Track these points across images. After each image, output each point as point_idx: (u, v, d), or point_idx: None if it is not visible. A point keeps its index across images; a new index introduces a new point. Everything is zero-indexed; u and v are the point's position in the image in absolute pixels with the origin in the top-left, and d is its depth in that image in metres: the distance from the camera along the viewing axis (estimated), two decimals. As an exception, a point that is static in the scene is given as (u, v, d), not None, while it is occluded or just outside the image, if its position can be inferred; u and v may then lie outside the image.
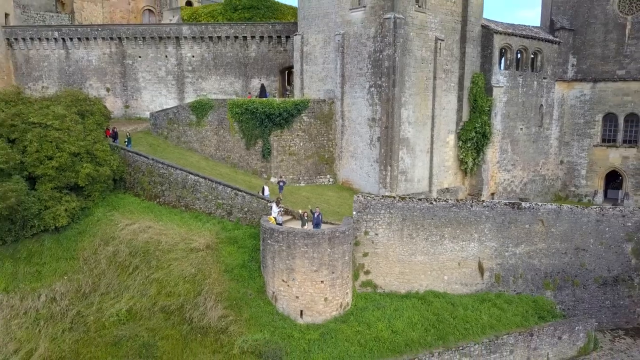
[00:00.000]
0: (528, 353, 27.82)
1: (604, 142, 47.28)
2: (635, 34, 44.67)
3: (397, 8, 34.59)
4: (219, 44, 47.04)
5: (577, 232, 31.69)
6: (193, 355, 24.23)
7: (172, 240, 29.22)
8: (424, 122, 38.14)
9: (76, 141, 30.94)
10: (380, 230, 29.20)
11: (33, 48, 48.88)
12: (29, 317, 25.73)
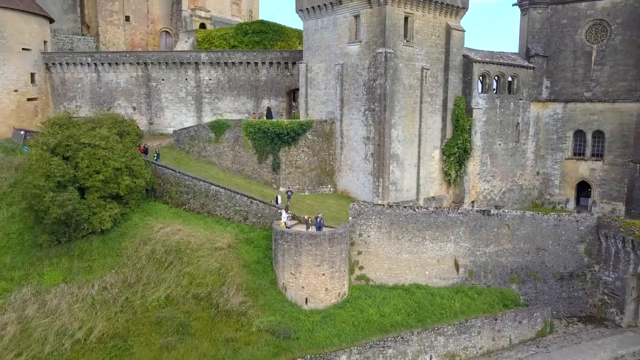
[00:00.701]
0: (493, 334, 33.70)
1: (574, 156, 53.31)
2: (600, 60, 50.72)
3: (388, 44, 40.74)
4: (233, 69, 53.25)
5: (538, 235, 37.62)
6: (219, 333, 30.17)
7: (199, 241, 35.29)
8: (411, 140, 44.18)
9: (118, 158, 37.02)
10: (372, 232, 35.20)
11: (68, 72, 55.17)
12: (86, 302, 31.76)
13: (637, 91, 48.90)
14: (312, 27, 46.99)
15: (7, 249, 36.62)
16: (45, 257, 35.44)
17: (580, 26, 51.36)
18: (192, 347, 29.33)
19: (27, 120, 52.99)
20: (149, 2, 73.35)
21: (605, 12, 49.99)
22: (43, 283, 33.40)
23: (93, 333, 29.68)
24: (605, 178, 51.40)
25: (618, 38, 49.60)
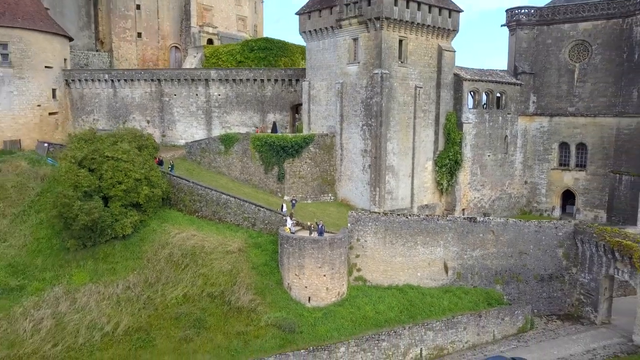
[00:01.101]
0: (478, 330, 37.23)
1: (559, 166, 57.08)
2: (582, 78, 54.56)
3: (384, 65, 44.60)
4: (240, 85, 57.14)
5: (520, 240, 41.21)
6: (232, 327, 33.76)
7: (212, 245, 38.97)
8: (406, 152, 47.94)
9: (138, 169, 40.72)
10: (368, 237, 38.85)
11: (86, 87, 59.13)
12: (112, 300, 35.41)
13: (616, 107, 52.66)
14: (314, 48, 50.91)
15: (38, 252, 40.34)
16: (72, 259, 39.13)
17: (564, 46, 55.23)
18: (208, 340, 32.93)
19: (49, 133, 56.88)
20: (160, 19, 77.52)
21: (587, 34, 53.86)
22: (72, 283, 37.10)
23: (119, 327, 33.32)
24: (588, 187, 55.11)
25: (598, 57, 53.44)
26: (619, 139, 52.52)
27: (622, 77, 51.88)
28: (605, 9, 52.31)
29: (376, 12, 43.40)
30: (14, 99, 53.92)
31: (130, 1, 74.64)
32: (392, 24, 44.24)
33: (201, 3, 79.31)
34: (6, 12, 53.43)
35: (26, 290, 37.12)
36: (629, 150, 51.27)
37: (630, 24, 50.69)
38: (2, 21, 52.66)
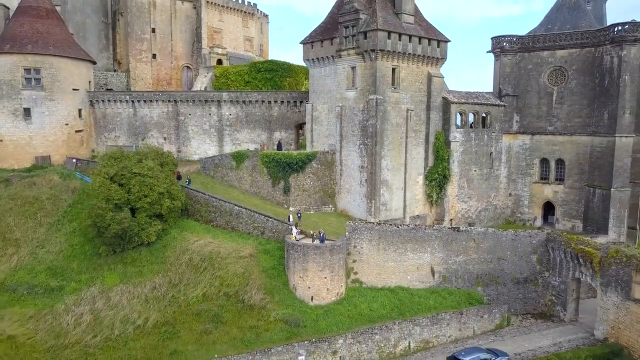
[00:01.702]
0: (459, 325, 42.46)
1: (540, 180, 62.43)
2: (560, 100, 60.06)
3: (378, 91, 50.22)
4: (250, 106, 62.78)
5: (498, 247, 46.55)
6: (245, 322, 39.05)
7: (226, 251, 44.40)
8: (399, 168, 53.42)
9: (161, 184, 46.21)
10: (364, 244, 44.21)
11: (109, 107, 64.85)
12: (141, 298, 40.80)
13: (590, 126, 58.11)
14: (316, 74, 56.61)
15: (73, 257, 45.87)
16: (104, 263, 44.61)
17: (543, 71, 60.78)
18: (225, 332, 38.26)
19: (75, 149, 62.53)
20: (173, 41, 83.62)
21: (563, 60, 59.42)
22: (105, 284, 42.55)
23: (149, 321, 38.72)
24: (566, 199, 60.44)
25: (574, 82, 58.97)
26: (592, 156, 57.92)
27: (594, 100, 57.38)
28: (580, 38, 57.89)
29: (371, 45, 49.09)
30: (45, 118, 59.64)
31: (146, 25, 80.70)
32: (386, 54, 49.91)
33: (211, 26, 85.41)
34: (39, 40, 59.28)
35: (65, 290, 42.60)
36: (601, 166, 56.64)
37: (601, 52, 56.25)
38: (35, 49, 58.49)
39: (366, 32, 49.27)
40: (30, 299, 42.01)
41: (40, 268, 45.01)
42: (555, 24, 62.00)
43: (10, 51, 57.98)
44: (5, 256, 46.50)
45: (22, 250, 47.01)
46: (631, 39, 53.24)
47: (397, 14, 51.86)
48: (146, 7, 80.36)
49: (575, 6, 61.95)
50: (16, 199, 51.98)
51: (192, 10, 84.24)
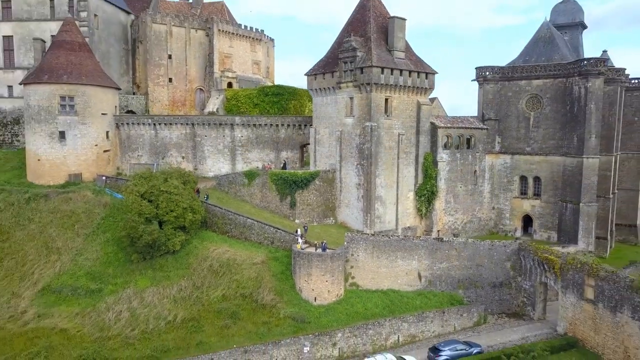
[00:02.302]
0: (442, 322, 49.40)
1: (520, 195, 69.49)
2: (536, 124, 67.30)
3: (373, 118, 57.55)
4: (259, 129, 70.11)
5: (477, 255, 53.57)
6: (259, 318, 46.02)
7: (241, 258, 51.53)
8: (391, 185, 60.58)
9: (185, 200, 53.38)
10: (360, 253, 51.27)
11: (133, 129, 72.24)
12: (170, 298, 47.87)
13: (562, 148, 65.27)
14: (319, 102, 64.05)
15: (109, 264, 53.03)
16: (136, 269, 51.74)
17: (522, 98, 68.10)
18: (241, 327, 45.30)
19: (103, 167, 69.79)
20: (187, 66, 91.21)
21: (539, 89, 66.74)
22: (138, 286, 49.67)
23: (177, 317, 45.82)
24: (543, 212, 67.49)
25: (548, 108, 66.24)
26: (564, 174, 65.02)
27: (566, 124, 64.60)
28: (552, 70, 65.21)
29: (367, 79, 56.51)
30: (77, 140, 67.00)
31: (163, 52, 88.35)
32: (380, 87, 57.31)
33: (222, 52, 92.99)
34: (73, 71, 66.80)
35: (103, 292, 49.73)
36: (572, 183, 63.73)
37: (571, 83, 63.54)
38: (70, 79, 66.01)
39: (362, 67, 56.70)
40: (74, 299, 49.13)
41: (81, 273, 52.18)
42: (532, 56, 69.34)
43: (48, 81, 65.46)
44: (49, 262, 53.73)
45: (63, 257, 54.23)
46: (595, 72, 60.60)
47: (390, 50, 59.30)
48: (164, 36, 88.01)
49: (550, 40, 69.34)
50: (55, 213, 59.28)
51: (205, 38, 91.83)
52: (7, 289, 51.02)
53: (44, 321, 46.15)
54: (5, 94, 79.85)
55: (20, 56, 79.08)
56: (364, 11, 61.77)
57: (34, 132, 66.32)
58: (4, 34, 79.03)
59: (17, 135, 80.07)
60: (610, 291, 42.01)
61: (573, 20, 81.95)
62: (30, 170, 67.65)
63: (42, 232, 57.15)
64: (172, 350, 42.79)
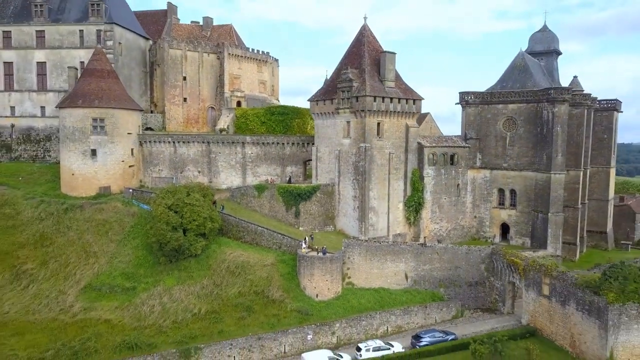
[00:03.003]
0: (424, 315, 58.15)
1: (498, 205, 78.35)
2: (512, 143, 76.24)
3: (367, 140, 66.50)
4: (267, 146, 79.10)
5: (456, 258, 62.37)
6: (269, 311, 54.71)
7: (254, 261, 60.36)
8: (383, 197, 69.46)
9: (205, 211, 62.23)
10: (355, 256, 60.08)
11: (154, 147, 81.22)
12: (194, 295, 56.65)
13: (534, 164, 74.18)
14: (320, 124, 73.10)
15: (139, 266, 61.87)
16: (164, 270, 60.56)
17: (499, 119, 77.09)
18: (255, 318, 54.04)
19: (128, 180, 78.70)
20: (200, 87, 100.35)
21: (514, 112, 75.75)
22: (166, 285, 58.46)
23: (202, 310, 54.64)
24: (518, 221, 76.35)
25: (522, 129, 75.22)
26: (536, 188, 73.89)
27: (537, 144, 73.56)
28: (525, 96, 74.24)
29: (361, 106, 65.55)
30: (107, 157, 76.01)
31: (178, 74, 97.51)
32: (373, 113, 66.32)
33: (232, 73, 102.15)
34: (103, 96, 75.90)
35: (137, 289, 58.53)
36: (542, 195, 72.60)
37: (540, 108, 72.53)
38: (101, 104, 75.10)
39: (358, 96, 65.75)
40: (113, 296, 57.98)
41: (116, 273, 61.05)
42: (509, 83, 78.41)
43: (82, 105, 74.56)
44: (89, 265, 62.64)
45: (100, 260, 63.15)
46: (561, 99, 69.66)
47: (382, 80, 68.36)
48: (179, 60, 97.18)
49: (524, 69, 78.43)
50: (90, 221, 68.21)
51: (216, 61, 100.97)
52: (54, 287, 59.94)
53: (89, 313, 55.06)
54: (39, 114, 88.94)
55: (52, 80, 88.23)
56: (360, 45, 70.92)
57: (69, 149, 75.39)
58: (38, 60, 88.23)
59: (49, 150, 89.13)
60: (560, 288, 50.82)
61: (548, 48, 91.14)
62: (65, 183, 76.66)
63: (80, 238, 66.09)
64: (198, 337, 51.59)
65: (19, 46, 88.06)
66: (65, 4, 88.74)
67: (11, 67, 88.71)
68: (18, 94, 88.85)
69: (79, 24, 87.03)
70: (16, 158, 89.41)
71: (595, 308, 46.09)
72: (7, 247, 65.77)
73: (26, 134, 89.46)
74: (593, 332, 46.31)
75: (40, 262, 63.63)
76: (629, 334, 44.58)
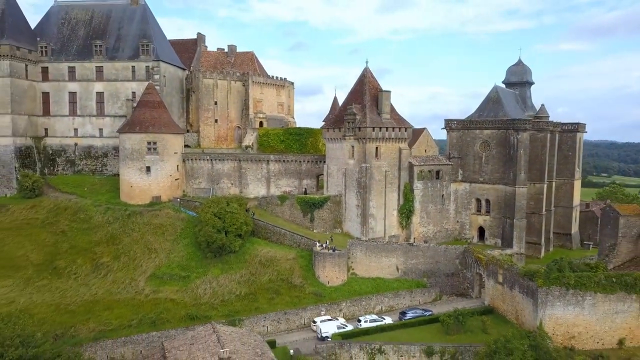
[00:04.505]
0: (410, 298, 75.87)
1: (476, 212, 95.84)
2: (486, 161, 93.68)
3: (367, 161, 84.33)
4: (287, 163, 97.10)
5: (436, 255, 80.00)
6: (292, 294, 72.64)
7: (280, 255, 78.45)
8: (381, 206, 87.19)
9: (241, 217, 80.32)
10: (357, 252, 77.93)
11: (195, 163, 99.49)
12: (235, 281, 74.80)
13: (504, 179, 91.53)
14: (330, 147, 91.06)
15: (191, 259, 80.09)
16: (210, 263, 78.73)
17: (476, 142, 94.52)
18: (281, 299, 72.13)
19: (174, 191, 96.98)
20: (229, 110, 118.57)
21: (488, 137, 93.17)
22: (213, 274, 76.59)
23: (242, 293, 72.83)
24: (491, 225, 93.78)
25: (494, 150, 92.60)
26: (505, 198, 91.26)
27: (506, 163, 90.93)
28: (497, 124, 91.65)
29: (363, 135, 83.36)
30: (158, 172, 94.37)
31: (211, 99, 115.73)
32: (372, 140, 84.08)
33: (255, 98, 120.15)
34: (155, 123, 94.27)
35: (191, 277, 76.66)
36: (510, 205, 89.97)
37: (508, 134, 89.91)
38: (154, 130, 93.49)
39: (360, 127, 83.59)
40: (173, 282, 76.16)
41: (174, 265, 79.31)
42: (484, 112, 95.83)
43: (139, 131, 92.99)
44: (151, 258, 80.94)
45: (159, 255, 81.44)
46: (523, 128, 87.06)
47: (379, 113, 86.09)
48: (211, 87, 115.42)
49: (497, 101, 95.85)
50: (149, 225, 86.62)
51: (242, 88, 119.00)
52: (127, 276, 78.27)
53: (158, 294, 73.37)
54: (97, 134, 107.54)
55: (109, 107, 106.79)
56: (362, 85, 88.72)
57: (128, 166, 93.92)
58: (97, 91, 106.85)
59: (106, 165, 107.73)
60: (509, 277, 68.31)
61: (522, 79, 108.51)
62: (124, 193, 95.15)
63: (142, 237, 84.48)
64: (240, 311, 69.76)
65: (82, 79, 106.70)
66: (120, 43, 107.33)
67: (75, 96, 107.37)
68: (80, 118, 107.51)
69: (131, 61, 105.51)
70: (78, 171, 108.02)
71: (530, 290, 63.58)
72: (86, 245, 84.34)
73: (87, 151, 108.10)
74: (529, 308, 63.82)
75: (113, 256, 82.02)
76: (553, 309, 61.94)
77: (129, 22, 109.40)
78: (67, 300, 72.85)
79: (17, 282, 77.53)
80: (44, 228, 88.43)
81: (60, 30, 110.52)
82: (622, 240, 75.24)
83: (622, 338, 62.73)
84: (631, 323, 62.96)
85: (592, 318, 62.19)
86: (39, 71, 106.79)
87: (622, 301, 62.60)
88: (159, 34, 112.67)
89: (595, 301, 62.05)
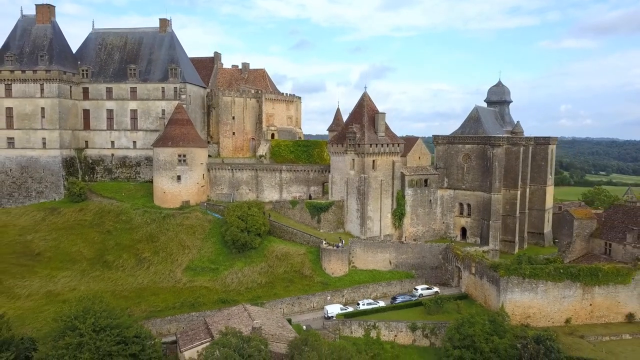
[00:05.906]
0: (401, 287, 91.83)
1: (459, 215, 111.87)
2: (468, 171, 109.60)
3: (365, 172, 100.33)
4: (297, 172, 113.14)
5: (423, 251, 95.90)
6: (304, 282, 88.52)
7: (292, 251, 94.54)
8: (377, 210, 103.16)
9: (260, 219, 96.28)
10: (357, 249, 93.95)
11: (218, 172, 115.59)
12: (256, 272, 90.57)
13: (482, 187, 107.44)
14: (334, 159, 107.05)
15: (218, 255, 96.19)
16: (235, 258, 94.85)
17: (459, 155, 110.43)
18: (295, 287, 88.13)
19: (200, 196, 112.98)
20: (244, 123, 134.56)
21: (469, 150, 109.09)
22: (238, 267, 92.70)
23: (262, 282, 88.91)
24: (472, 226, 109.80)
25: (474, 162, 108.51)
26: (483, 203, 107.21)
27: (484, 173, 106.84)
28: (476, 140, 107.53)
29: (362, 151, 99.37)
30: (187, 180, 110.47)
31: (229, 115, 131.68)
32: (369, 154, 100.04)
33: (267, 112, 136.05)
34: (184, 139, 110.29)
35: (219, 269, 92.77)
36: (487, 209, 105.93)
37: (486, 148, 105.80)
38: (183, 144, 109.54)
39: (359, 144, 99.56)
40: (205, 273, 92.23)
41: (204, 259, 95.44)
42: (466, 129, 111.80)
43: (171, 146, 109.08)
44: (185, 254, 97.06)
45: (192, 251, 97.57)
46: (498, 144, 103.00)
47: (376, 132, 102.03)
48: (229, 104, 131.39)
49: (477, 119, 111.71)
50: (181, 225, 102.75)
51: (256, 104, 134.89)
52: (166, 268, 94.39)
53: (193, 283, 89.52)
54: (131, 146, 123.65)
55: (142, 122, 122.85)
56: (361, 107, 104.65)
57: (161, 175, 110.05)
58: (131, 108, 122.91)
59: (139, 173, 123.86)
60: (480, 268, 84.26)
61: (501, 98, 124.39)
62: (158, 198, 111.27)
63: (176, 236, 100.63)
64: (262, 297, 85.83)
65: (118, 98, 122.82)
66: (151, 67, 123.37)
67: (112, 113, 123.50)
68: (116, 132, 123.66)
69: (161, 83, 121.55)
70: (115, 178, 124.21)
71: (495, 279, 79.51)
72: (129, 242, 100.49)
73: (122, 161, 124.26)
74: (494, 293, 79.79)
75: (153, 252, 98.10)
76: (512, 294, 77.74)
77: (159, 48, 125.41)
78: (119, 287, 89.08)
79: (75, 273, 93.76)
80: (92, 228, 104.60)
81: (98, 54, 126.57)
82: (577, 239, 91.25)
83: (568, 317, 78.48)
84: (576, 305, 78.78)
85: (544, 301, 77.98)
86: (81, 91, 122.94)
87: (569, 288, 78.33)
88: (184, 58, 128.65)
89: (547, 288, 77.82)
